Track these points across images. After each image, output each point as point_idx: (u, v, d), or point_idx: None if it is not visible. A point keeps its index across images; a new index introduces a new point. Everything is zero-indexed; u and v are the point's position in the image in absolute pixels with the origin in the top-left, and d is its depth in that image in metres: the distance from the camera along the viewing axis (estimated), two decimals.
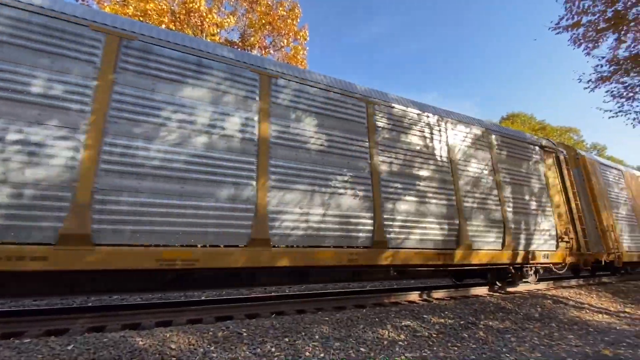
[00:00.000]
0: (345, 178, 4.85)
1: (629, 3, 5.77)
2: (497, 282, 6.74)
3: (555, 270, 7.28)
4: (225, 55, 4.42)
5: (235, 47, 14.99)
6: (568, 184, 7.72)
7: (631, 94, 6.46)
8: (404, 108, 5.84)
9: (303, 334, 3.54)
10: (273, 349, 3.11)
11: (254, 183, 4.15)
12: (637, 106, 6.50)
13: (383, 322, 4.19)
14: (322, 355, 3.13)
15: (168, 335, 3.13)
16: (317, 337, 3.50)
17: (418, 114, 5.98)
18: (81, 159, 3.33)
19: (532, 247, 6.48)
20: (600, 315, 5.67)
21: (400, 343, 3.72)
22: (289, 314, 4.40)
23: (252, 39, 16.06)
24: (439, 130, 6.15)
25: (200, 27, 13.17)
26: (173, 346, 2.94)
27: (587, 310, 5.88)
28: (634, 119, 6.55)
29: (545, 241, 6.73)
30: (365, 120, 5.28)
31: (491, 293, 6.60)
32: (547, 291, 7.00)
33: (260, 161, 4.25)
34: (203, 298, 5.73)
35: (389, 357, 3.30)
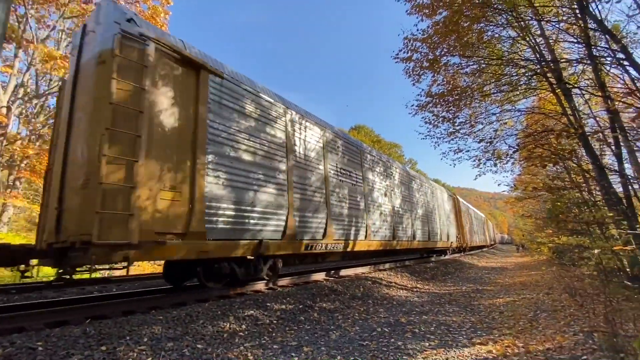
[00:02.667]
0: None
1: (442, 52, 7.62)
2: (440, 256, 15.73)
3: (449, 251, 16.67)
4: None
5: None
6: (456, 211, 18.83)
7: (436, 122, 8.55)
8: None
9: (128, 338, 3.05)
10: None
11: None
12: (438, 132, 8.63)
13: (226, 314, 4.07)
14: (149, 359, 2.77)
15: None
16: (145, 339, 3.08)
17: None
18: None
19: (451, 240, 15.86)
20: (401, 291, 7.25)
21: (241, 334, 3.71)
22: (112, 316, 3.71)
23: None
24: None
25: None
26: None
27: (394, 288, 7.42)
28: (435, 142, 8.69)
29: (455, 237, 16.68)
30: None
31: (327, 278, 7.47)
32: (369, 274, 8.45)
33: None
34: None
35: (228, 350, 3.22)
